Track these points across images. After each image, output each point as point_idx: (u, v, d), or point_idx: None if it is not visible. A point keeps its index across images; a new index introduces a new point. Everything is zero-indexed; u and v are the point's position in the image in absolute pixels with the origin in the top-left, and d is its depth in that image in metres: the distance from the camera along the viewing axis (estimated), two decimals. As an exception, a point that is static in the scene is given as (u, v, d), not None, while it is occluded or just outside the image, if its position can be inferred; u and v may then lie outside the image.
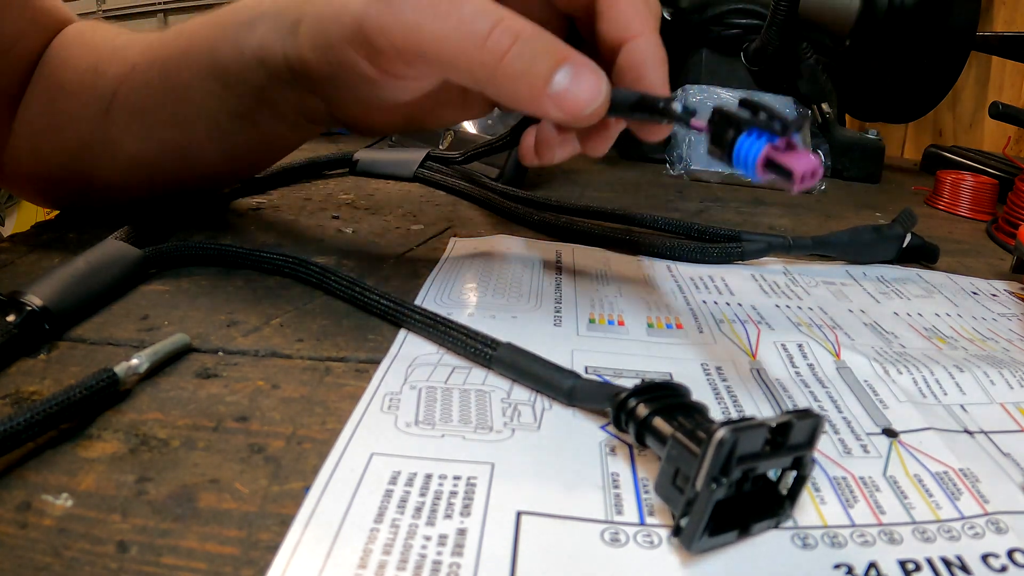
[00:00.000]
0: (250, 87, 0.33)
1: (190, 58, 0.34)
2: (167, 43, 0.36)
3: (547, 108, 0.25)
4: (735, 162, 0.23)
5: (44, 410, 0.20)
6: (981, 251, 0.50)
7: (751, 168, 0.23)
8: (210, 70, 0.34)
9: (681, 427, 0.19)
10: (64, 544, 0.17)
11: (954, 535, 0.20)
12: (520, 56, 0.24)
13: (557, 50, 0.25)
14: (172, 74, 0.35)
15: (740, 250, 0.40)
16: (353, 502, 0.19)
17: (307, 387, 0.25)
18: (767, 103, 0.23)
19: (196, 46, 0.34)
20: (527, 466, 0.21)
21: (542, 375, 0.25)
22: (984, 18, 0.92)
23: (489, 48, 0.25)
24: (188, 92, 0.35)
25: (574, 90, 0.24)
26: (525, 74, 0.25)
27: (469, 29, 0.25)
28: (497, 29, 0.25)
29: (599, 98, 0.25)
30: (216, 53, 0.33)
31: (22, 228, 0.40)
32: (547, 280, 0.35)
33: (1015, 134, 0.96)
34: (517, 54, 0.24)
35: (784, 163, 0.22)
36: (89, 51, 0.38)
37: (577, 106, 0.25)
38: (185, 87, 0.34)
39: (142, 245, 0.33)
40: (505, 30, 0.25)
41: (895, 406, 0.26)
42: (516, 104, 0.26)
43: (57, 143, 0.38)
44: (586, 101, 0.25)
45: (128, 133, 0.36)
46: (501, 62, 0.24)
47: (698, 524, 0.18)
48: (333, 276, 0.31)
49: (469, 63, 0.25)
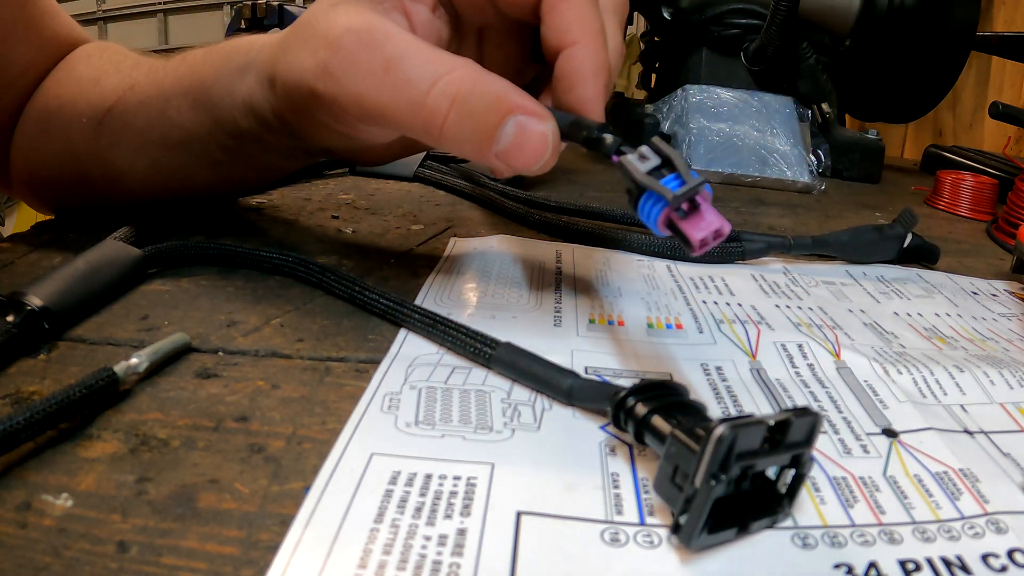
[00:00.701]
0: (242, 129, 0.33)
1: (186, 89, 0.34)
2: (169, 70, 0.36)
3: (497, 166, 0.25)
4: (639, 215, 0.23)
5: (44, 410, 0.20)
6: (981, 251, 0.50)
7: (653, 227, 0.23)
8: (204, 105, 0.34)
9: (680, 425, 0.19)
10: (64, 544, 0.17)
11: (954, 535, 0.20)
12: (459, 121, 0.24)
13: (498, 105, 0.24)
14: (168, 99, 0.35)
15: (740, 250, 0.40)
16: (353, 502, 0.19)
17: (307, 387, 0.25)
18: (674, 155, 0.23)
19: (194, 79, 0.34)
20: (527, 466, 0.21)
21: (541, 375, 0.25)
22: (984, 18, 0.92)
23: (428, 116, 0.24)
24: (181, 119, 0.35)
25: (518, 147, 0.24)
26: (468, 139, 0.24)
27: (407, 98, 0.24)
28: (432, 94, 0.24)
29: (545, 153, 0.24)
30: (210, 92, 0.33)
31: (22, 228, 0.40)
32: (547, 280, 0.35)
33: (1015, 134, 0.96)
34: (455, 120, 0.24)
35: (682, 228, 0.23)
36: (94, 68, 0.39)
37: (524, 164, 0.24)
38: (178, 113, 0.35)
39: (142, 245, 0.33)
40: (440, 94, 0.24)
41: (895, 406, 0.26)
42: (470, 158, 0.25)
43: (49, 150, 0.39)
44: (532, 158, 0.24)
45: (118, 147, 0.36)
46: (442, 128, 0.24)
47: (697, 521, 0.18)
48: (333, 276, 0.31)
49: (413, 129, 0.25)
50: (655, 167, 0.23)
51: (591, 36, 0.26)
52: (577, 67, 0.26)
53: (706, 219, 0.23)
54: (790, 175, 0.63)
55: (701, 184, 0.23)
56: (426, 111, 0.24)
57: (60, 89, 0.39)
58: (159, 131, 0.35)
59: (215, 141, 0.34)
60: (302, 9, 1.78)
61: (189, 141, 0.35)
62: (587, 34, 0.26)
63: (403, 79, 0.24)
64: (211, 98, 0.33)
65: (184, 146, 0.35)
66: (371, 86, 0.25)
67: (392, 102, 0.25)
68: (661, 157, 0.23)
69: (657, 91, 0.80)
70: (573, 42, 0.26)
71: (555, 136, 0.24)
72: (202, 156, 0.35)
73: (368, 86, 0.25)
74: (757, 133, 0.65)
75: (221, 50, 0.34)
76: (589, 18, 0.27)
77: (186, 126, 0.35)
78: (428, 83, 0.24)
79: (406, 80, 0.24)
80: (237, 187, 0.41)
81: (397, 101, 0.25)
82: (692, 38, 0.72)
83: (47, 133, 0.38)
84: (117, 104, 0.36)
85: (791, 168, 0.64)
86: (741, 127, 0.65)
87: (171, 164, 0.36)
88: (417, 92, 0.24)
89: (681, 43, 0.74)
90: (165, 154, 0.36)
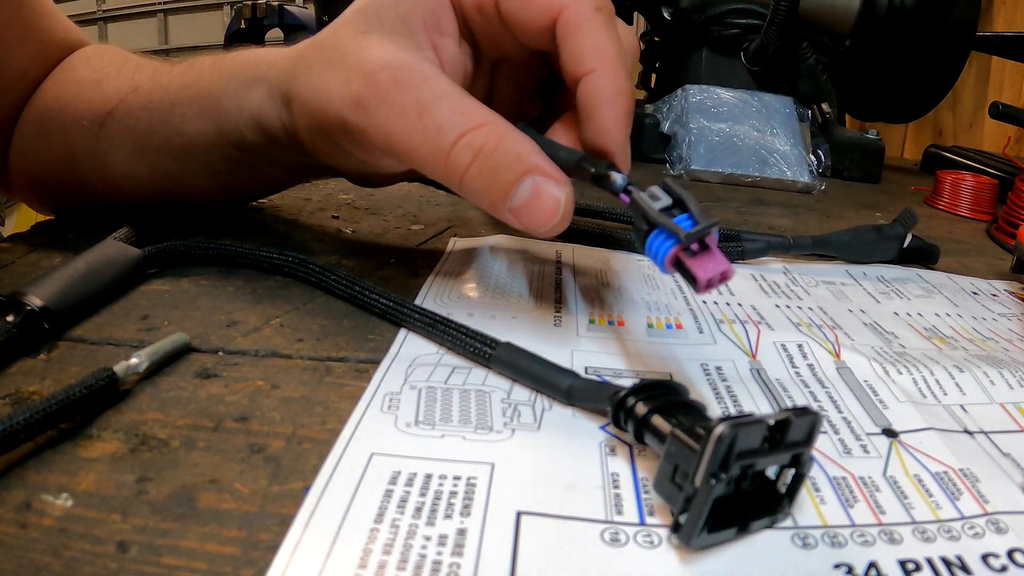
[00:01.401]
0: (247, 142, 0.33)
1: (193, 97, 0.34)
2: (175, 75, 0.36)
3: (508, 220, 0.25)
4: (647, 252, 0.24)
5: (44, 409, 0.20)
6: (981, 251, 0.50)
7: (660, 265, 0.24)
8: (210, 115, 0.34)
9: (680, 424, 0.19)
10: (64, 544, 0.17)
11: (954, 535, 0.20)
12: (479, 174, 0.25)
13: (518, 165, 0.25)
14: (172, 105, 0.35)
15: (740, 249, 0.40)
16: (353, 502, 0.19)
17: (307, 387, 0.25)
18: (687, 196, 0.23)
19: (201, 87, 0.34)
20: (527, 466, 0.21)
21: (541, 375, 0.25)
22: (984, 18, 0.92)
23: (451, 164, 0.25)
24: (185, 127, 0.35)
25: (531, 209, 0.24)
26: (485, 191, 0.25)
27: (434, 144, 0.25)
28: (459, 145, 0.25)
29: (555, 216, 0.25)
30: (216, 102, 0.33)
31: (22, 228, 0.40)
32: (547, 280, 0.35)
33: (1015, 134, 0.96)
34: (476, 172, 0.25)
35: (690, 267, 0.23)
36: (95, 71, 0.39)
37: (534, 224, 0.25)
38: (182, 120, 0.34)
39: (142, 245, 0.32)
40: (466, 147, 0.25)
41: (895, 406, 0.26)
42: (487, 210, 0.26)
43: (48, 152, 0.38)
44: (543, 219, 0.25)
45: (119, 150, 0.36)
46: (462, 178, 0.25)
47: (697, 520, 0.18)
48: (333, 276, 0.31)
49: (435, 172, 0.26)
50: (666, 206, 0.24)
51: (608, 63, 0.26)
52: (596, 95, 0.26)
53: (715, 260, 0.23)
54: (790, 175, 0.63)
55: (715, 225, 0.23)
56: (451, 161, 0.25)
57: (59, 91, 0.38)
58: (161, 136, 0.35)
59: (218, 151, 0.34)
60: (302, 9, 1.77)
61: (191, 149, 0.35)
62: (605, 61, 0.26)
63: (433, 126, 0.25)
64: (218, 108, 0.33)
65: (185, 153, 0.35)
66: (402, 127, 0.26)
67: (420, 146, 0.25)
68: (673, 197, 0.24)
69: (657, 91, 0.80)
70: (591, 70, 0.26)
71: (568, 202, 0.25)
72: (203, 164, 0.35)
73: (399, 126, 0.26)
74: (757, 133, 0.65)
75: (231, 60, 0.34)
76: (605, 44, 0.27)
77: (189, 134, 0.34)
78: (456, 134, 0.25)
79: (436, 128, 0.25)
80: (237, 196, 0.41)
81: (425, 146, 0.25)
82: (692, 38, 0.72)
83: (46, 135, 0.38)
84: (119, 107, 0.36)
85: (791, 168, 0.64)
86: (741, 127, 0.65)
87: (171, 170, 0.36)
88: (445, 141, 0.25)
89: (681, 43, 0.74)
90: (166, 160, 0.36)
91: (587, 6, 0.27)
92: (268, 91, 0.31)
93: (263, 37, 1.73)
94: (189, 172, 0.36)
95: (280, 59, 0.31)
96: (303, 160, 0.33)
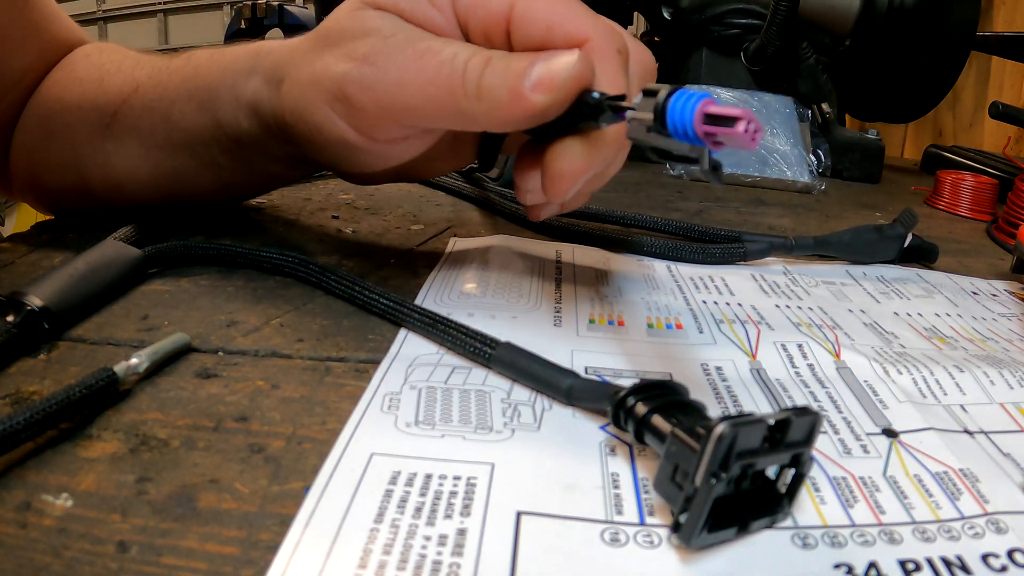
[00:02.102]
0: (243, 133, 0.33)
1: (191, 91, 0.34)
2: (174, 71, 0.36)
3: (531, 101, 0.25)
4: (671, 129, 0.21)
5: (44, 410, 0.20)
6: (981, 251, 0.50)
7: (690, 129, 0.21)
8: (208, 106, 0.34)
9: (680, 424, 0.19)
10: (64, 544, 0.17)
11: (954, 535, 0.20)
12: (494, 72, 0.25)
13: (525, 56, 0.26)
14: (172, 101, 0.35)
15: (743, 251, 0.40)
16: (353, 502, 0.19)
17: (307, 387, 0.25)
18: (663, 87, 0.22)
19: (199, 81, 0.34)
20: (527, 466, 0.21)
21: (541, 374, 0.25)
22: (984, 18, 0.92)
23: (467, 76, 0.26)
24: (184, 122, 0.35)
25: (548, 68, 0.25)
26: (501, 84, 0.25)
27: (449, 72, 0.26)
28: (471, 62, 0.26)
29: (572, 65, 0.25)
30: (214, 93, 0.34)
31: (22, 228, 0.40)
32: (547, 280, 0.35)
33: (1015, 134, 0.96)
34: (492, 71, 0.25)
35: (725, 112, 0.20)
36: (95, 68, 0.39)
37: (555, 80, 0.25)
38: (181, 116, 0.35)
39: (142, 245, 0.33)
40: (481, 57, 0.26)
41: (895, 406, 0.26)
42: (501, 119, 0.26)
43: (52, 153, 0.38)
44: (563, 68, 0.25)
45: (124, 150, 0.36)
46: (480, 85, 0.25)
47: (697, 520, 0.18)
48: (333, 276, 0.31)
49: (454, 100, 0.26)
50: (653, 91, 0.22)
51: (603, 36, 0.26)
52: None
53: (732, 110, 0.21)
54: (790, 175, 0.63)
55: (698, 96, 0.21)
56: (467, 73, 0.26)
57: (62, 91, 0.38)
58: (163, 134, 0.35)
59: (217, 144, 0.34)
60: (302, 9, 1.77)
61: (191, 144, 0.35)
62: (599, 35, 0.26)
63: (447, 56, 0.26)
64: (215, 99, 0.33)
65: (187, 149, 0.35)
66: (415, 71, 0.26)
67: (435, 81, 0.26)
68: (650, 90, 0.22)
69: (657, 91, 0.80)
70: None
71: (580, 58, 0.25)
72: (204, 160, 0.35)
73: (412, 71, 0.26)
74: (757, 133, 0.65)
75: (229, 52, 0.34)
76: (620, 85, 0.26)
77: (189, 128, 0.35)
78: (464, 58, 0.26)
79: (447, 58, 0.26)
80: (238, 194, 0.41)
81: (440, 78, 0.26)
82: (692, 38, 0.72)
83: (51, 135, 0.38)
84: (122, 108, 0.36)
85: (791, 168, 0.64)
86: (741, 127, 0.65)
87: (174, 168, 0.36)
88: (457, 66, 0.26)
89: (681, 43, 0.74)
90: (168, 158, 0.36)
91: (611, 46, 0.26)
92: (264, 78, 0.31)
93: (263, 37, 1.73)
94: (191, 170, 0.36)
95: (277, 48, 0.32)
96: (292, 151, 0.33)
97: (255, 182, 0.39)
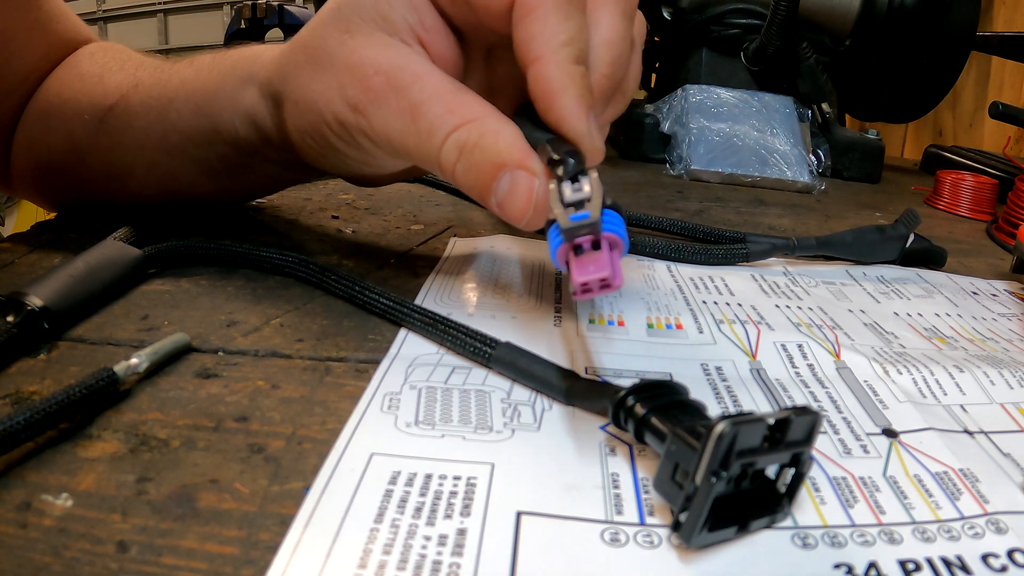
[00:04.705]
0: (240, 138, 0.33)
1: (189, 93, 0.34)
2: (175, 72, 0.36)
3: (498, 215, 0.25)
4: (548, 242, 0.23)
5: (44, 410, 0.20)
6: (981, 251, 0.50)
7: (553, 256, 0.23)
8: (206, 111, 0.34)
9: (680, 423, 0.19)
10: (64, 544, 0.17)
11: (954, 535, 0.20)
12: (465, 171, 0.25)
13: (494, 160, 0.24)
14: (170, 100, 0.35)
15: (745, 251, 0.40)
16: (353, 502, 0.19)
17: (307, 387, 0.25)
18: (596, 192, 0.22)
19: (198, 84, 0.34)
20: (527, 466, 0.21)
21: (541, 375, 0.25)
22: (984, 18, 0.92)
23: (443, 164, 0.26)
24: (181, 124, 0.35)
25: (509, 203, 0.25)
26: (473, 187, 0.25)
27: (427, 145, 0.26)
28: (446, 145, 0.25)
29: (528, 212, 0.24)
30: (212, 97, 0.34)
31: (22, 228, 0.40)
32: (547, 280, 0.35)
33: (1015, 134, 0.96)
34: (463, 170, 0.25)
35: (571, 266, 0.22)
36: (98, 65, 0.39)
37: (513, 217, 0.25)
38: (178, 117, 0.35)
39: (142, 245, 0.32)
40: (452, 145, 0.25)
41: (895, 406, 0.26)
42: None
43: (51, 144, 0.38)
44: (520, 214, 0.24)
45: (119, 146, 0.36)
46: (454, 176, 0.26)
47: (697, 519, 0.18)
48: (333, 276, 0.31)
49: (433, 171, 0.27)
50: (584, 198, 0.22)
51: (553, 50, 0.25)
52: (543, 86, 0.25)
53: (597, 264, 0.22)
54: (790, 175, 0.63)
55: (595, 224, 0.22)
56: (442, 160, 0.26)
57: (62, 86, 0.38)
58: (159, 133, 0.35)
59: (213, 149, 0.34)
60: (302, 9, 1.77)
61: (187, 146, 0.35)
62: (548, 49, 0.25)
63: (425, 128, 0.26)
64: (213, 105, 0.33)
65: (182, 151, 0.35)
66: (399, 129, 0.26)
67: (416, 148, 0.26)
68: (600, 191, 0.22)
69: (657, 91, 0.80)
70: (534, 59, 0.25)
71: (541, 196, 0.24)
72: (200, 164, 0.35)
73: (396, 129, 0.26)
74: (757, 133, 0.65)
75: (229, 57, 0.34)
76: (553, 30, 0.25)
77: (186, 131, 0.35)
78: (444, 134, 0.25)
79: (428, 129, 0.26)
80: (236, 197, 0.41)
81: (420, 148, 0.26)
82: (692, 38, 0.72)
83: (49, 129, 0.38)
84: (119, 103, 0.36)
85: (791, 168, 0.64)
86: (741, 127, 0.65)
87: (169, 169, 0.36)
88: (435, 142, 0.25)
89: (681, 43, 0.74)
90: (163, 158, 0.36)
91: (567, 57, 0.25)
92: (260, 90, 0.32)
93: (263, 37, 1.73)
94: (187, 171, 0.36)
95: (268, 59, 0.32)
96: (292, 158, 0.33)
97: (253, 185, 0.39)
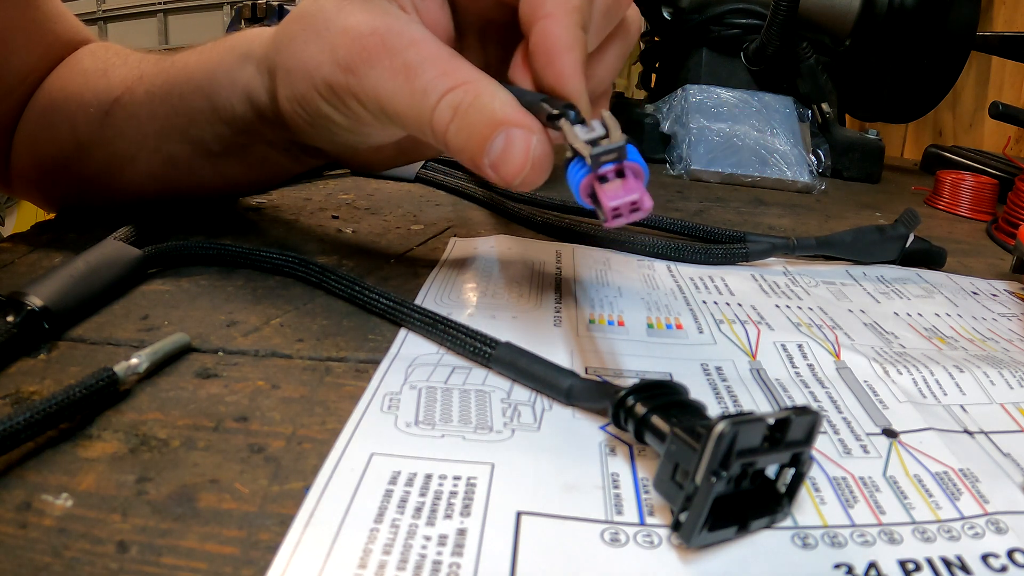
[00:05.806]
0: (238, 117, 0.34)
1: (190, 75, 0.35)
2: (178, 59, 0.36)
3: (490, 177, 0.25)
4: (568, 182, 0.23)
5: (44, 410, 0.20)
6: (981, 251, 0.50)
7: (576, 193, 0.23)
8: (205, 91, 0.34)
9: (680, 423, 0.19)
10: (64, 544, 0.17)
11: (954, 535, 0.20)
12: (458, 132, 0.25)
13: (491, 119, 0.25)
14: (173, 85, 0.35)
15: (745, 251, 0.40)
16: (353, 502, 0.19)
17: (307, 387, 0.25)
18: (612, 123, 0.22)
19: (199, 65, 0.35)
20: (527, 466, 0.21)
21: (541, 375, 0.25)
22: (984, 18, 0.92)
23: (435, 124, 0.25)
24: (181, 106, 0.35)
25: (505, 161, 0.24)
26: (464, 147, 0.25)
27: (420, 105, 0.25)
28: (440, 105, 0.25)
29: (526, 167, 0.24)
30: (213, 78, 0.34)
31: (22, 228, 0.40)
32: (547, 280, 0.35)
33: (1015, 134, 0.96)
34: (455, 130, 0.25)
35: (599, 195, 0.22)
36: (100, 61, 0.39)
37: (508, 176, 0.24)
38: (180, 100, 0.35)
39: (142, 245, 0.33)
40: (446, 106, 0.25)
41: (895, 406, 0.26)
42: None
43: (54, 141, 0.38)
44: (516, 172, 0.24)
45: (122, 138, 0.36)
46: (445, 137, 0.25)
47: (697, 519, 0.18)
48: (333, 276, 0.31)
49: (423, 133, 0.26)
50: (598, 137, 0.23)
51: (565, 10, 0.25)
52: (551, 41, 0.25)
53: (626, 188, 0.22)
54: (790, 175, 0.63)
55: (621, 148, 0.22)
56: (434, 121, 0.25)
57: (65, 82, 0.39)
58: (162, 120, 0.36)
59: (212, 130, 0.35)
60: (302, 9, 1.77)
61: (187, 129, 0.35)
62: (561, 9, 0.25)
63: (420, 87, 0.25)
64: (213, 84, 0.34)
65: (182, 133, 0.35)
66: (391, 90, 0.26)
67: (408, 109, 0.26)
68: (606, 128, 0.23)
69: (657, 91, 0.80)
70: (546, 15, 0.25)
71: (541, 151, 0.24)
72: (198, 146, 0.36)
73: (388, 89, 0.26)
74: (757, 133, 0.65)
75: (229, 39, 0.35)
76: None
77: (187, 113, 0.35)
78: (439, 95, 0.25)
79: (422, 89, 0.25)
80: (237, 187, 0.41)
81: (412, 108, 0.26)
82: (692, 38, 0.72)
83: (52, 124, 0.38)
84: (125, 95, 0.36)
85: (791, 168, 0.64)
86: (741, 127, 0.65)
87: (170, 155, 0.36)
88: (429, 102, 0.25)
89: (681, 43, 0.74)
90: (165, 143, 0.36)
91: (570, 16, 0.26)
92: (256, 65, 0.32)
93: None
94: (187, 157, 0.36)
95: (267, 34, 0.32)
96: (287, 136, 0.33)
97: (252, 173, 0.39)
